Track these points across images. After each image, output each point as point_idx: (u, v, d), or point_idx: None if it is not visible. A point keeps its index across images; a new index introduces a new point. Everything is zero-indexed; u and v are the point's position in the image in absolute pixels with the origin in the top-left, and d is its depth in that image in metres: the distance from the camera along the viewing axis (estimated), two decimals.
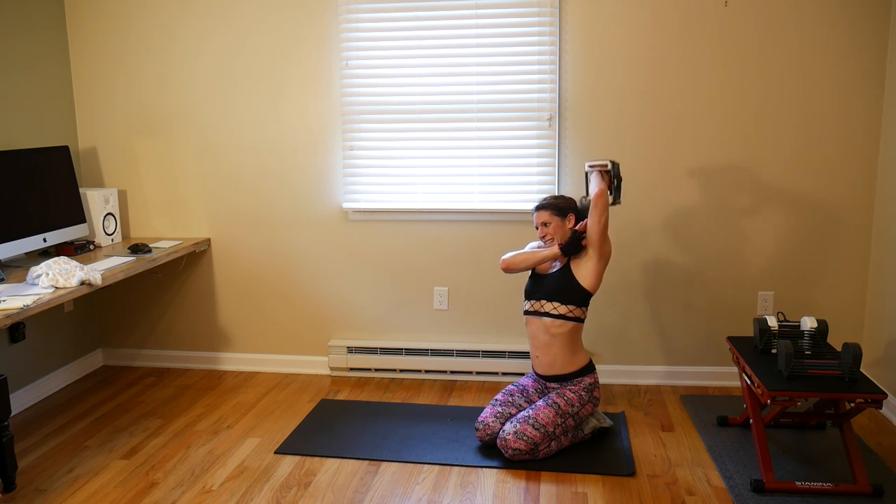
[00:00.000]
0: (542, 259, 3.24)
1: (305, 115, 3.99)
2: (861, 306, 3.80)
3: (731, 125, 3.73)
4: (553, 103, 3.77)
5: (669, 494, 2.85)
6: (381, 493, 2.88)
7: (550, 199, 3.30)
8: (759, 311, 3.85)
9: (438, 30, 3.80)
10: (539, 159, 3.83)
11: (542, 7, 3.71)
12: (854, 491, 2.78)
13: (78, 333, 4.20)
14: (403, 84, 3.87)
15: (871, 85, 3.62)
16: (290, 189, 4.06)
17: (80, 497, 2.87)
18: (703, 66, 3.69)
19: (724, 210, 3.79)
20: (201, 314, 4.27)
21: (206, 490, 2.91)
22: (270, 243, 4.14)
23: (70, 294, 3.02)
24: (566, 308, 3.18)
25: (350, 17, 3.85)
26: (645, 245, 3.87)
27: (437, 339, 4.09)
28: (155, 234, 4.23)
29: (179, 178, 4.15)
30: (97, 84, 4.11)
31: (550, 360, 3.24)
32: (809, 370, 2.87)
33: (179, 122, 4.09)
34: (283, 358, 4.23)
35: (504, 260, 3.30)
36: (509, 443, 3.05)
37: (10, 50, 3.67)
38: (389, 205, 3.98)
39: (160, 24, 4.01)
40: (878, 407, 2.74)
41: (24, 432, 3.46)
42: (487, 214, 3.93)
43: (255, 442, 3.33)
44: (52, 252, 3.65)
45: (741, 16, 3.63)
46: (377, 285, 4.10)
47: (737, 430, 3.36)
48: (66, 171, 3.75)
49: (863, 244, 3.75)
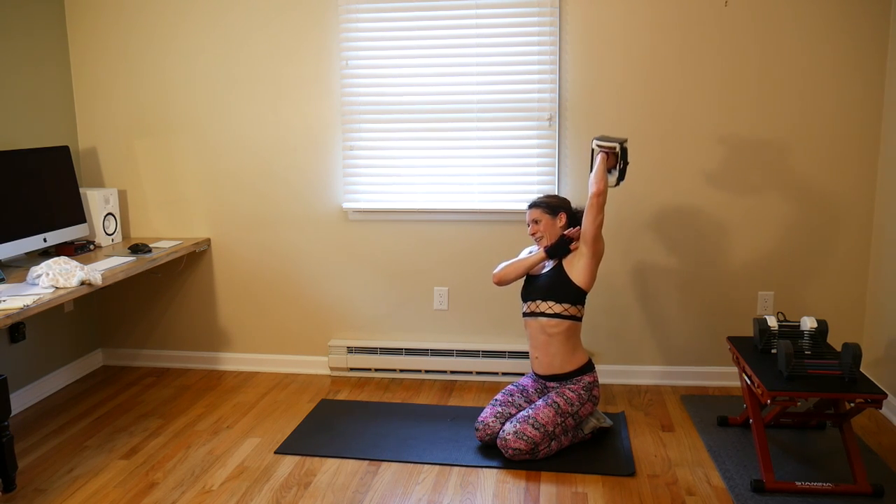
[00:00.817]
0: (531, 265, 3.28)
1: (305, 114, 3.99)
2: (861, 306, 3.80)
3: (730, 125, 3.72)
4: (553, 103, 3.77)
5: (669, 494, 2.85)
6: (381, 493, 2.88)
7: (543, 198, 3.34)
8: (759, 311, 3.85)
9: (438, 30, 3.80)
10: (539, 159, 3.83)
11: (542, 7, 3.71)
12: (854, 491, 2.78)
13: (78, 333, 4.20)
14: (403, 84, 3.87)
15: (871, 85, 3.62)
16: (290, 189, 4.06)
17: (80, 497, 2.87)
18: (702, 65, 3.70)
19: (724, 209, 3.79)
20: (201, 314, 4.27)
21: (206, 490, 2.91)
22: (270, 243, 4.14)
23: (70, 294, 3.02)
24: (561, 307, 3.19)
25: (350, 17, 3.85)
26: (645, 244, 3.87)
27: (437, 339, 4.09)
28: (155, 234, 4.23)
29: (179, 178, 4.15)
30: (97, 84, 4.12)
31: (549, 359, 3.24)
32: (809, 370, 2.87)
33: (179, 122, 4.09)
34: (283, 358, 4.23)
35: (495, 275, 3.33)
36: (509, 443, 3.05)
37: (10, 50, 3.67)
38: (389, 205, 3.98)
39: (160, 24, 4.01)
40: (878, 407, 2.74)
41: (24, 432, 3.46)
42: (487, 214, 3.93)
43: (255, 442, 3.33)
44: (53, 252, 3.65)
45: (741, 16, 3.63)
46: (377, 285, 4.10)
47: (737, 430, 3.36)
48: (66, 171, 3.75)
49: (863, 244, 3.75)
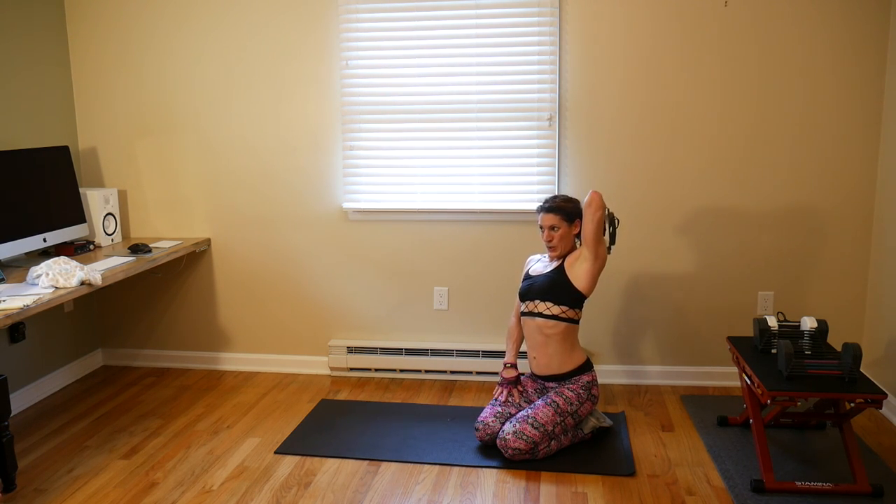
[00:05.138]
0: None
1: (306, 115, 3.99)
2: (861, 306, 3.80)
3: (730, 125, 3.72)
4: (553, 103, 3.77)
5: (669, 494, 2.85)
6: (381, 493, 2.88)
7: (560, 202, 3.21)
8: (759, 311, 3.85)
9: (438, 30, 3.80)
10: (539, 159, 3.83)
11: (542, 7, 3.71)
12: (854, 491, 2.78)
13: (78, 333, 4.20)
14: (403, 84, 3.87)
15: (871, 85, 3.62)
16: (290, 189, 4.06)
17: (80, 497, 2.87)
18: (702, 66, 3.69)
19: (723, 209, 3.79)
20: (201, 314, 4.27)
21: (206, 490, 2.91)
22: (270, 243, 4.14)
23: (70, 294, 3.02)
24: (559, 309, 3.18)
25: (350, 17, 3.85)
26: (645, 244, 3.87)
27: (437, 339, 4.09)
28: (155, 234, 4.23)
29: (179, 178, 4.15)
30: (97, 84, 4.12)
31: (546, 360, 3.24)
32: (809, 370, 2.86)
33: (180, 122, 4.09)
34: (283, 358, 4.23)
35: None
36: (509, 442, 3.05)
37: (11, 50, 3.67)
38: (389, 205, 3.98)
39: (160, 23, 4.01)
40: (878, 407, 2.74)
41: (24, 432, 3.46)
42: (487, 214, 3.93)
43: (255, 442, 3.33)
44: (52, 252, 3.65)
45: (741, 16, 3.63)
46: (377, 285, 4.10)
47: (737, 430, 3.36)
48: (66, 171, 3.75)
49: (862, 244, 3.75)
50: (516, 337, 3.41)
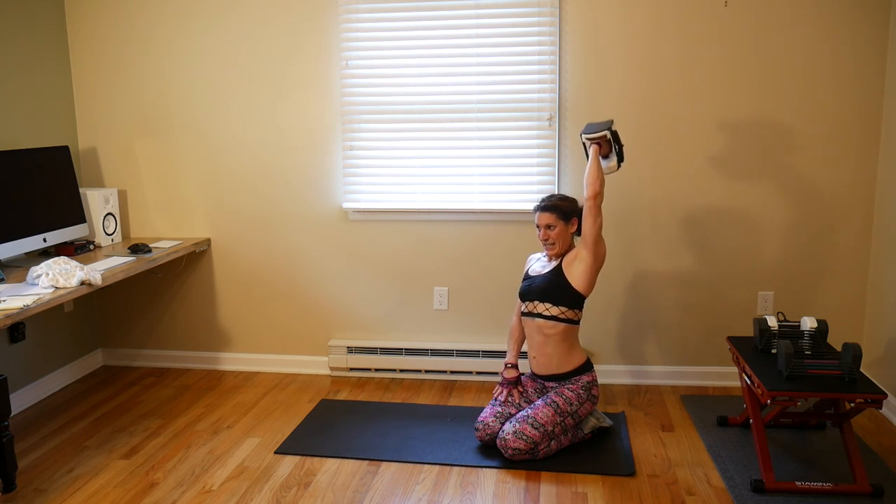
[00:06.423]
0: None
1: (305, 115, 3.99)
2: (861, 306, 3.80)
3: (730, 125, 3.72)
4: (553, 103, 3.77)
5: (669, 494, 2.85)
6: (381, 493, 2.88)
7: (556, 201, 3.22)
8: (759, 311, 3.85)
9: (438, 30, 3.80)
10: (539, 159, 3.83)
11: (542, 7, 3.71)
12: (854, 491, 2.78)
13: (78, 333, 4.20)
14: (403, 84, 3.87)
15: (871, 85, 3.62)
16: (290, 189, 4.06)
17: (80, 497, 2.87)
18: (702, 66, 3.69)
19: (723, 210, 3.79)
20: (201, 314, 4.27)
21: (206, 490, 2.91)
22: (270, 243, 4.14)
23: (70, 294, 3.02)
24: (558, 309, 3.18)
25: (350, 17, 3.85)
26: (645, 244, 3.87)
27: (437, 339, 4.09)
28: (155, 234, 4.23)
29: (179, 178, 4.15)
30: (97, 84, 4.12)
31: (546, 360, 3.24)
32: (809, 370, 2.86)
33: (179, 122, 4.09)
34: (283, 358, 4.23)
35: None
36: (509, 442, 3.05)
37: (11, 50, 3.67)
38: (389, 205, 3.98)
39: (160, 23, 4.01)
40: (878, 407, 2.74)
41: (24, 432, 3.46)
42: (487, 214, 3.93)
43: (255, 442, 3.33)
44: (52, 252, 3.65)
45: (741, 16, 3.63)
46: (377, 285, 4.10)
47: (737, 430, 3.36)
48: (66, 171, 3.75)
49: (863, 244, 3.75)
50: (518, 337, 3.41)
